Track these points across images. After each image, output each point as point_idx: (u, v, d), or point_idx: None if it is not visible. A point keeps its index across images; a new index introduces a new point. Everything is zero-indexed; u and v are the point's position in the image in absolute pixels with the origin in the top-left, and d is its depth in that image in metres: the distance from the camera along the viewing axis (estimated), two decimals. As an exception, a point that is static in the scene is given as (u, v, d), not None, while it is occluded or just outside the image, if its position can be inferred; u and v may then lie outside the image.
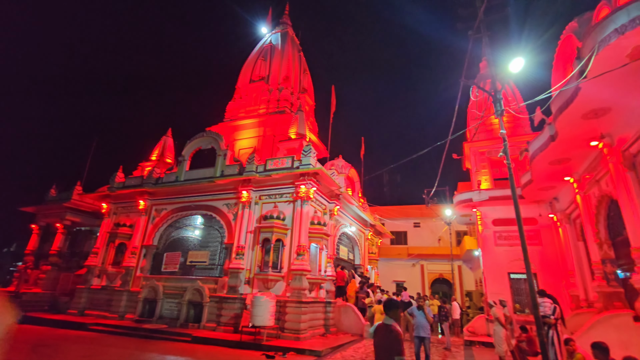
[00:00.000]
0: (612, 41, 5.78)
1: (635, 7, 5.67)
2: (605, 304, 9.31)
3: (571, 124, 8.28)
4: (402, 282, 25.25)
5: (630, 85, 6.68)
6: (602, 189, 9.41)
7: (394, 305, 3.38)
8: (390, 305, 3.41)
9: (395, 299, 12.17)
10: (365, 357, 8.76)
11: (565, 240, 12.76)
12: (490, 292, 13.86)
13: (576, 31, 9.69)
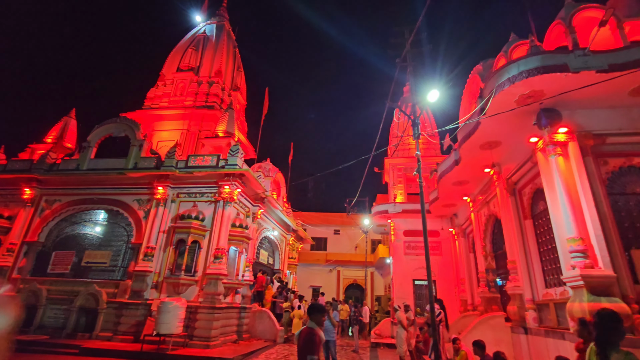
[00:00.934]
0: (505, 88, 6.92)
1: (523, 63, 6.89)
2: (486, 307, 10.91)
3: (471, 152, 9.61)
4: (319, 287, 25.93)
5: (516, 126, 8.05)
6: (490, 209, 11.09)
7: (316, 310, 3.36)
8: (313, 309, 3.40)
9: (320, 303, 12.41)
10: (277, 363, 8.75)
11: (460, 251, 14.64)
12: (396, 297, 15.12)
13: (480, 73, 11.32)
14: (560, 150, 7.12)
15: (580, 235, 6.38)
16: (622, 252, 6.42)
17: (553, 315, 7.51)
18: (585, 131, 7.24)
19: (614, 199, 6.94)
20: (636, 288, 6.16)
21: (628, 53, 6.48)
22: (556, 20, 8.80)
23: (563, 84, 6.71)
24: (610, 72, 6.40)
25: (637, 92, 6.90)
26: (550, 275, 8.01)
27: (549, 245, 7.93)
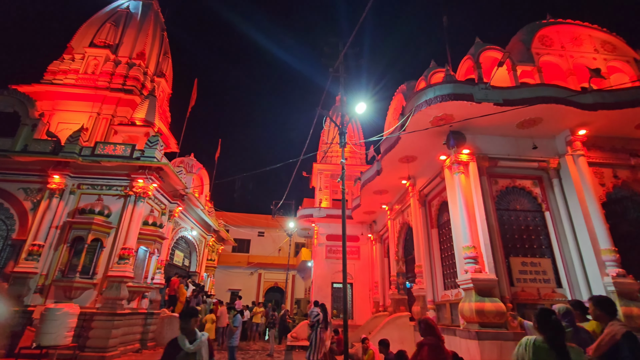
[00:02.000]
0: (422, 109, 7.65)
1: (439, 88, 7.71)
2: (395, 308, 11.81)
3: (392, 164, 10.38)
4: (238, 290, 25.15)
5: (430, 144, 8.95)
6: (405, 218, 12.08)
7: (185, 315, 2.91)
8: (181, 314, 2.95)
9: (195, 307, 11.94)
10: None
11: (376, 256, 15.63)
12: (316, 299, 15.44)
13: (404, 92, 12.34)
14: (462, 168, 8.11)
15: (473, 243, 7.34)
16: (503, 259, 7.56)
17: (448, 314, 8.47)
18: (483, 154, 8.39)
19: (500, 214, 8.16)
20: (511, 289, 7.31)
21: (518, 92, 7.71)
22: (467, 55, 10.08)
23: (469, 111, 7.69)
24: (504, 105, 7.54)
25: (523, 125, 8.25)
26: (448, 279, 9.03)
27: (449, 252, 8.94)
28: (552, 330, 2.28)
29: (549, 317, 2.36)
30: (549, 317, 2.36)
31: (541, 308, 2.47)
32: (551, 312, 2.42)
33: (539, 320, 2.37)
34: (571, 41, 10.39)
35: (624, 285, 6.73)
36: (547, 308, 2.51)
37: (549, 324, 2.31)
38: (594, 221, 7.47)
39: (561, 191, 8.20)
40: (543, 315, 2.37)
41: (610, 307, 2.72)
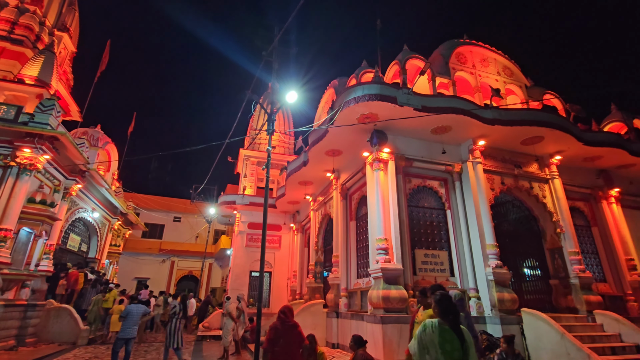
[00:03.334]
0: (350, 105, 7.91)
1: (367, 88, 8.04)
2: (311, 296, 12.18)
3: (318, 156, 10.56)
4: (146, 279, 23.22)
5: (355, 140, 9.32)
6: (327, 209, 12.46)
7: None
8: None
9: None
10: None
11: (297, 246, 15.86)
12: (232, 288, 15.07)
13: (336, 87, 12.62)
14: (382, 166, 8.65)
15: (386, 236, 7.91)
16: (409, 251, 8.33)
17: (358, 301, 9.05)
18: (401, 154, 9.06)
19: (411, 210, 8.96)
20: (414, 278, 8.11)
21: (435, 100, 8.47)
22: (395, 60, 10.71)
23: (392, 112, 8.20)
24: (422, 111, 8.21)
25: (436, 131, 9.12)
26: (361, 268, 9.62)
27: (364, 244, 9.51)
28: (453, 314, 2.54)
29: (450, 302, 2.63)
30: (450, 302, 2.63)
31: (442, 293, 2.71)
32: (449, 296, 2.70)
33: (442, 304, 2.60)
34: (481, 62, 11.81)
35: (500, 275, 7.99)
36: (447, 294, 2.77)
37: (450, 309, 2.57)
38: (484, 220, 8.68)
39: (461, 193, 9.33)
40: (445, 301, 2.63)
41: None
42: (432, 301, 2.73)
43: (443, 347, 2.41)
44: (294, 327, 4.10)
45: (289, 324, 4.08)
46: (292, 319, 4.13)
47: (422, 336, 2.57)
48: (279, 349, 3.90)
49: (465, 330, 2.55)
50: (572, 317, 8.33)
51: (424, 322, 2.66)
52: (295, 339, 4.04)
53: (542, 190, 9.91)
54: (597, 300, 8.61)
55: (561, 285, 9.23)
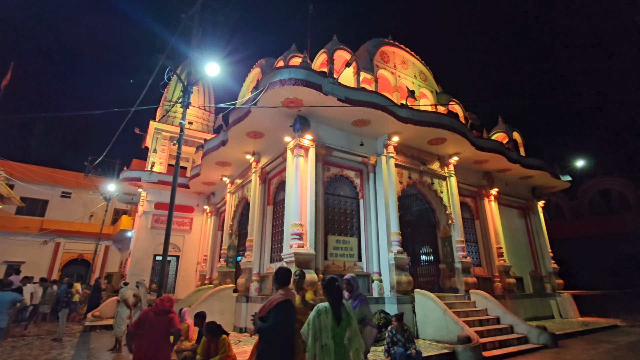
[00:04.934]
0: (275, 87, 7.69)
1: (294, 72, 7.90)
2: (221, 280, 11.77)
3: (238, 137, 10.10)
4: (20, 263, 19.65)
5: (277, 124, 9.14)
6: (244, 193, 12.08)
7: None
8: None
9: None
10: None
11: (210, 229, 15.11)
12: (131, 273, 13.68)
13: (263, 67, 12.16)
14: (303, 152, 8.68)
15: (301, 221, 8.01)
16: (323, 237, 8.60)
17: (269, 285, 9.05)
18: (322, 142, 9.21)
19: (327, 198, 9.23)
20: (324, 262, 8.43)
21: (357, 93, 8.76)
22: (324, 49, 10.75)
23: (316, 100, 8.23)
24: (345, 102, 8.43)
25: (357, 124, 9.49)
26: (275, 253, 9.62)
27: (280, 229, 9.50)
28: (335, 295, 2.96)
29: (334, 284, 3.02)
30: (334, 284, 3.02)
31: (329, 277, 3.12)
32: (335, 280, 3.08)
33: (327, 287, 3.01)
34: (401, 63, 12.64)
35: (400, 260, 8.82)
36: (333, 276, 3.16)
37: (334, 290, 2.99)
38: (391, 210, 9.42)
39: (374, 184, 9.96)
40: (330, 283, 3.02)
41: (282, 278, 3.39)
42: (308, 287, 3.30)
43: (326, 325, 2.80)
44: (163, 314, 4.07)
45: (160, 309, 4.09)
46: (166, 306, 4.13)
47: (316, 322, 2.80)
48: (142, 332, 3.91)
49: (346, 304, 2.99)
50: (453, 296, 9.69)
51: (317, 307, 2.92)
52: (161, 325, 4.00)
53: (440, 186, 11.18)
54: (473, 282, 10.16)
55: (447, 269, 10.64)
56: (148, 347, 3.87)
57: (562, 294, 13.51)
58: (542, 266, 14.18)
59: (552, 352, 7.44)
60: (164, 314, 4.08)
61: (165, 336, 4.05)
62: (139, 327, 3.97)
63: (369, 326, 4.13)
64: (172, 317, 4.13)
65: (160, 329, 3.99)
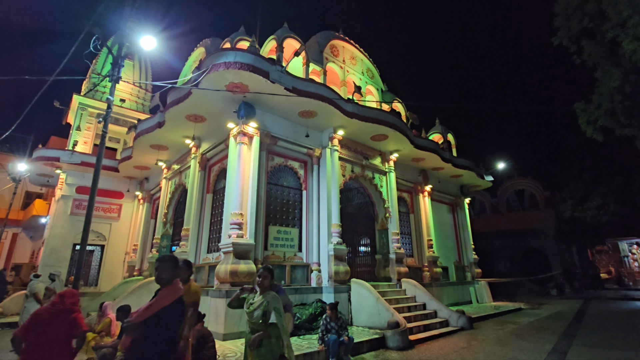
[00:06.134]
0: (219, 69, 7.30)
1: (240, 55, 7.56)
2: (152, 272, 10.98)
3: (177, 119, 9.43)
4: None
5: (221, 108, 8.72)
6: (182, 179, 11.38)
7: None
8: None
9: None
10: None
11: (141, 217, 14.03)
12: (45, 264, 12.18)
13: (207, 47, 11.48)
14: (247, 140, 8.41)
15: (241, 211, 7.79)
16: (264, 227, 8.48)
17: (206, 276, 8.71)
18: (267, 131, 9.02)
19: (270, 187, 9.09)
20: (264, 253, 8.33)
21: (305, 84, 8.69)
22: (274, 36, 10.46)
23: (263, 87, 8.00)
24: (293, 92, 8.32)
25: (303, 115, 9.44)
26: (213, 243, 9.25)
27: (219, 218, 9.15)
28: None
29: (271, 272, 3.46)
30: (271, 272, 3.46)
31: (265, 266, 3.50)
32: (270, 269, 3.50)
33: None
34: (350, 59, 12.83)
35: (339, 251, 9.06)
36: (268, 266, 3.51)
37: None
38: (333, 202, 9.60)
39: (317, 176, 10.05)
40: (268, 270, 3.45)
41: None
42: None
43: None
44: (65, 313, 3.21)
45: (59, 308, 3.22)
46: (67, 304, 3.27)
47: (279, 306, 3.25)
48: (32, 338, 3.03)
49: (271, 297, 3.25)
50: (387, 285, 10.26)
51: (274, 295, 3.31)
52: (59, 328, 3.16)
53: (381, 181, 11.68)
54: (404, 271, 10.85)
55: (383, 259, 11.21)
56: (39, 358, 3.02)
57: (480, 282, 15.10)
58: (465, 257, 15.66)
59: (468, 334, 8.28)
60: (63, 314, 3.22)
61: (64, 343, 3.21)
62: (28, 331, 3.07)
63: (289, 312, 4.37)
64: (75, 317, 3.29)
65: (58, 334, 3.14)
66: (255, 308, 3.22)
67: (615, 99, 8.12)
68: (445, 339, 7.77)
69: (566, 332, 8.29)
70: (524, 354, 6.15)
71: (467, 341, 7.43)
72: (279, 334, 3.19)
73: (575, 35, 8.72)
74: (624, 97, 8.10)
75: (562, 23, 8.79)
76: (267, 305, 3.19)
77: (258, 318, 3.17)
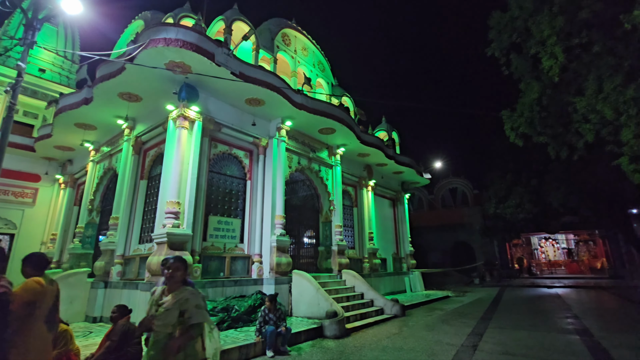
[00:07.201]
0: (159, 45, 6.72)
1: (183, 33, 7.03)
2: (73, 264, 9.94)
3: (107, 96, 8.53)
4: None
5: (159, 88, 8.05)
6: (112, 163, 10.38)
7: None
8: None
9: None
10: None
11: (63, 203, 12.55)
12: None
13: (147, 20, 10.54)
14: (188, 125, 7.90)
15: (179, 199, 7.33)
16: (204, 217, 8.09)
17: (136, 268, 8.08)
18: (211, 116, 8.57)
19: (212, 176, 8.69)
20: (203, 244, 7.96)
21: (254, 70, 8.39)
22: (222, 17, 9.92)
23: (208, 70, 7.55)
24: (240, 77, 7.97)
25: (251, 102, 9.13)
26: (146, 233, 8.61)
27: (154, 206, 8.51)
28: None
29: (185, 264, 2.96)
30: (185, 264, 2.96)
31: (176, 257, 3.01)
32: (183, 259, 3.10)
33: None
34: (302, 49, 12.70)
35: (282, 242, 9.01)
36: (180, 257, 3.06)
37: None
38: (278, 194, 9.49)
39: (263, 166, 9.84)
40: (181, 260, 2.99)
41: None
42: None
43: None
44: None
45: None
46: None
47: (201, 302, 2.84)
48: None
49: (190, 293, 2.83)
50: (327, 276, 10.47)
51: (193, 290, 2.86)
52: None
53: (327, 174, 11.81)
54: (345, 262, 11.17)
55: (325, 251, 11.41)
56: None
57: (414, 272, 16.14)
58: (402, 249, 16.60)
59: (400, 320, 8.81)
60: None
61: None
62: None
63: None
64: None
65: None
66: (168, 308, 2.67)
67: (534, 109, 9.12)
68: (379, 326, 8.17)
69: (484, 316, 9.22)
70: (447, 337, 6.70)
71: (399, 327, 7.89)
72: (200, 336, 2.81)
73: (506, 49, 9.58)
74: (541, 108, 9.12)
75: (495, 36, 9.59)
76: (186, 303, 2.70)
77: (172, 319, 2.64)
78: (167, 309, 2.66)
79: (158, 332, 2.67)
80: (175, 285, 2.81)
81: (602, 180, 15.15)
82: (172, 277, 2.81)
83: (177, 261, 2.88)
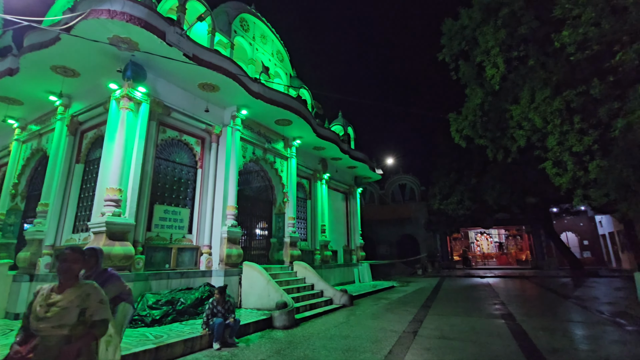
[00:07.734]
0: (100, 17, 6.11)
1: (130, 6, 6.45)
2: (-9, 256, 8.84)
3: (37, 68, 7.61)
4: None
5: (101, 64, 7.36)
6: (41, 143, 9.34)
7: None
8: None
9: None
10: None
11: (-21, 186, 11.04)
12: None
13: (87, -12, 9.51)
14: (133, 106, 7.34)
15: (121, 187, 6.82)
16: (149, 206, 7.62)
17: (69, 260, 7.40)
18: (159, 99, 8.05)
19: (159, 162, 8.20)
20: (147, 234, 7.52)
21: (209, 54, 8.01)
22: (177, -7, 9.29)
23: (157, 49, 7.05)
24: (193, 60, 7.57)
25: (204, 88, 8.72)
26: (81, 221, 7.91)
27: (91, 193, 7.84)
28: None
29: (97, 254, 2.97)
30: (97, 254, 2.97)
31: (71, 247, 2.46)
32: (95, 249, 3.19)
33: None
34: (261, 37, 12.37)
35: (233, 234, 8.82)
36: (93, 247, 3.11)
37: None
38: (231, 184, 9.25)
39: (216, 155, 9.49)
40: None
41: None
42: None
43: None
44: None
45: None
46: None
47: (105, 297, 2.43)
48: None
49: (90, 288, 2.33)
50: (279, 267, 10.48)
51: (92, 285, 2.35)
52: None
53: (282, 166, 11.74)
54: (297, 254, 11.25)
55: (278, 242, 11.39)
56: None
57: (363, 263, 16.76)
58: (353, 241, 17.12)
59: (348, 310, 9.13)
60: None
61: None
62: None
63: (124, 302, 3.58)
64: None
65: None
66: (65, 307, 2.18)
67: (477, 114, 9.86)
68: (328, 315, 8.39)
69: (425, 304, 9.89)
70: (391, 324, 7.09)
71: (347, 317, 8.18)
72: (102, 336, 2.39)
73: (455, 55, 10.20)
74: (483, 113, 9.90)
75: (446, 42, 10.17)
76: (87, 299, 2.25)
77: (71, 319, 2.17)
78: (63, 307, 2.19)
79: (49, 336, 2.16)
80: (71, 281, 2.31)
81: (530, 182, 16.93)
82: (68, 270, 2.30)
83: (77, 252, 2.39)
